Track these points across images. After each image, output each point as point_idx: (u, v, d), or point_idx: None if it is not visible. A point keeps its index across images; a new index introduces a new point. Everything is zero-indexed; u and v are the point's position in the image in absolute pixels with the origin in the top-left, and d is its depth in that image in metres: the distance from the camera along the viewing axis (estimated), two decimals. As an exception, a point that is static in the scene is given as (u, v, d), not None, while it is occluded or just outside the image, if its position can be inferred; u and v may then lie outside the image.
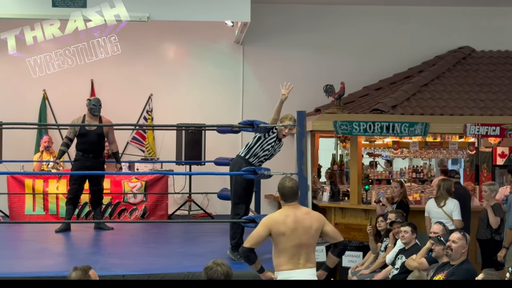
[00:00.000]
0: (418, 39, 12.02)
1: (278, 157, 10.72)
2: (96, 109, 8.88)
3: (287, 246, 5.29)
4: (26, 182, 10.09)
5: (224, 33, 11.71)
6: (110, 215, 10.07)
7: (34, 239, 8.50)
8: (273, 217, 5.39)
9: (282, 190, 5.45)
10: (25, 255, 7.59)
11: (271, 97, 11.81)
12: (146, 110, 11.77)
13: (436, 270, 6.38)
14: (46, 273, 6.20)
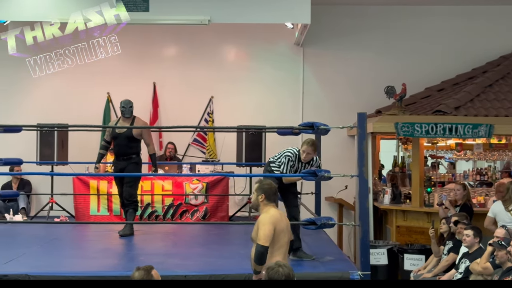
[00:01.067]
0: (482, 39, 11.76)
1: (338, 159, 10.77)
2: (126, 111, 8.85)
3: (283, 243, 5.55)
4: (91, 183, 10.31)
5: (284, 35, 11.72)
6: (172, 216, 10.20)
7: (98, 239, 8.69)
8: (273, 215, 5.56)
9: (270, 190, 5.64)
10: (89, 254, 7.76)
11: (332, 98, 11.81)
12: (207, 112, 11.88)
13: (501, 276, 6.25)
14: (109, 272, 6.33)
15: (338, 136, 11.23)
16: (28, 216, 10.86)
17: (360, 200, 6.70)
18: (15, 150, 10.51)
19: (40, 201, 11.63)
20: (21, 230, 9.33)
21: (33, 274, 6.12)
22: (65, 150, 10.84)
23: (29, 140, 10.73)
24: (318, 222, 6.64)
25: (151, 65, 11.97)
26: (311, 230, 6.94)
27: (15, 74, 11.75)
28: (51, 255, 7.57)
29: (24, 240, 8.50)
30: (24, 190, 11.10)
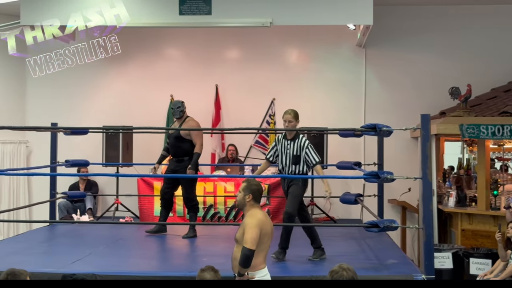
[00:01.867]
0: (550, 38, 11.46)
1: (401, 161, 10.65)
2: (176, 112, 8.87)
3: (267, 245, 5.54)
4: (155, 185, 10.47)
5: (346, 36, 11.66)
6: (235, 218, 10.26)
7: (162, 240, 8.81)
8: (259, 217, 5.52)
9: (258, 191, 5.63)
10: (153, 255, 7.89)
11: (394, 100, 11.69)
12: (269, 114, 11.91)
13: None
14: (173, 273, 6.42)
15: (401, 138, 11.10)
16: (94, 216, 11.11)
17: (423, 203, 6.61)
18: (81, 152, 10.78)
19: (106, 201, 11.89)
20: (87, 230, 9.55)
21: (99, 273, 6.25)
22: (130, 152, 11.05)
23: (95, 142, 10.99)
24: (380, 225, 6.59)
25: (213, 67, 12.09)
26: (374, 233, 6.89)
27: (81, 77, 12.06)
28: (116, 255, 7.72)
29: (91, 240, 8.69)
30: (91, 191, 11.35)
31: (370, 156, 10.72)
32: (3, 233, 11.48)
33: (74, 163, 9.68)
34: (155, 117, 11.75)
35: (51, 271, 6.39)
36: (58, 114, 11.43)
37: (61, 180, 10.48)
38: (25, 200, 11.97)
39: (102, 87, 12.21)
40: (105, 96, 12.18)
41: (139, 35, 11.92)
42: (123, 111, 11.85)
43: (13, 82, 12.05)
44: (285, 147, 7.39)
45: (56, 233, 9.44)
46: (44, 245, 8.52)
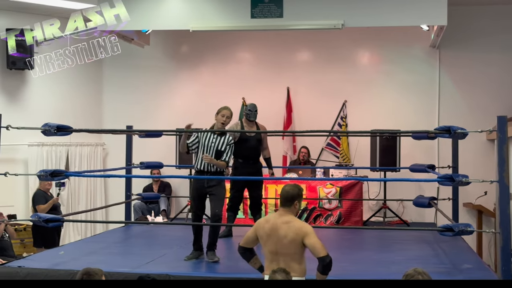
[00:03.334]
0: None
1: (477, 163, 10.43)
2: (252, 114, 8.87)
3: (265, 251, 5.38)
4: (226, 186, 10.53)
5: (419, 37, 11.50)
6: (306, 220, 10.25)
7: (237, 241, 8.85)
8: (260, 220, 5.52)
9: (281, 193, 5.48)
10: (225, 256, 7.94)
11: (469, 102, 11.46)
12: (341, 117, 11.86)
13: None
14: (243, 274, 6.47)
15: (476, 141, 10.88)
16: (168, 217, 11.29)
17: (500, 207, 6.46)
18: (156, 154, 10.98)
19: (180, 203, 12.08)
20: (162, 231, 9.70)
21: (173, 274, 6.35)
22: (203, 154, 11.16)
23: (168, 145, 11.18)
24: (455, 229, 6.47)
25: (284, 70, 12.13)
26: (448, 237, 6.77)
27: (154, 81, 12.30)
28: (190, 255, 7.81)
29: (165, 241, 8.82)
30: (164, 192, 11.53)
31: (444, 159, 10.54)
32: (81, 233, 11.80)
33: (149, 165, 9.86)
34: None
35: (126, 271, 6.52)
36: (133, 118, 11.66)
37: (136, 182, 10.70)
38: (101, 201, 12.27)
39: (175, 90, 12.42)
40: (178, 99, 12.39)
41: (211, 38, 12.07)
42: (195, 114, 11.96)
43: (91, 86, 12.39)
44: (210, 140, 7.29)
45: (131, 233, 9.63)
46: (119, 245, 8.72)
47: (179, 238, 8.92)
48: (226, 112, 7.43)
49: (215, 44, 12.23)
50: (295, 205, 5.42)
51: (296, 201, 5.42)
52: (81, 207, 11.71)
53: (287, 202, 5.41)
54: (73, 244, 9.16)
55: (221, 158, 7.26)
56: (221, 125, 7.39)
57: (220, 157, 7.26)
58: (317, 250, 5.25)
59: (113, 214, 11.85)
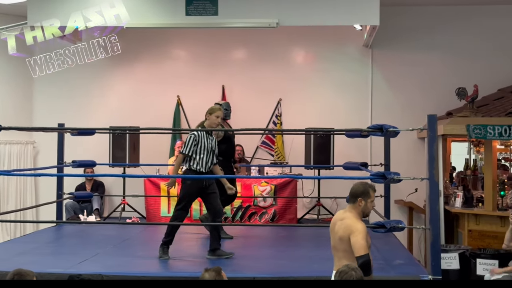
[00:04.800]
0: (557, 38, 11.43)
1: (408, 161, 10.64)
2: (228, 114, 8.96)
3: (332, 247, 5.42)
4: (162, 185, 10.48)
5: (352, 37, 11.65)
6: (241, 218, 10.27)
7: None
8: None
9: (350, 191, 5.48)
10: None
11: (401, 100, 11.67)
12: (275, 115, 11.91)
13: None
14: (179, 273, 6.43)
15: (407, 139, 11.08)
16: (101, 217, 11.13)
17: (430, 203, 6.61)
18: (88, 153, 10.80)
19: (113, 202, 11.91)
20: (94, 230, 9.57)
21: (106, 273, 6.27)
22: (137, 153, 11.06)
23: (102, 143, 11.01)
24: (387, 226, 6.58)
25: (220, 68, 12.10)
26: (381, 234, 6.88)
27: (88, 77, 12.09)
28: (123, 255, 7.73)
29: (98, 240, 8.70)
30: (98, 191, 11.36)
31: (377, 156, 10.71)
32: (10, 234, 11.51)
33: (81, 164, 9.70)
34: (162, 117, 11.77)
35: (58, 272, 6.41)
36: (65, 115, 11.43)
37: (68, 181, 10.51)
38: (32, 200, 12.00)
39: (109, 88, 12.23)
40: (112, 96, 12.21)
41: (146, 35, 11.94)
42: (129, 112, 11.87)
43: (20, 81, 12.05)
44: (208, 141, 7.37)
45: (63, 233, 9.47)
46: (51, 245, 8.55)
47: (112, 237, 8.83)
48: (220, 113, 7.46)
49: (149, 41, 12.10)
50: (360, 202, 5.39)
51: (360, 198, 5.39)
52: (10, 207, 11.41)
53: (352, 198, 5.43)
54: (2, 244, 8.91)
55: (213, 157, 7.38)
56: (215, 126, 7.43)
57: (214, 156, 7.39)
58: (356, 249, 5.14)
59: (44, 213, 11.58)
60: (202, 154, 7.28)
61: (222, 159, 8.71)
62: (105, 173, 11.06)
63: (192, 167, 7.31)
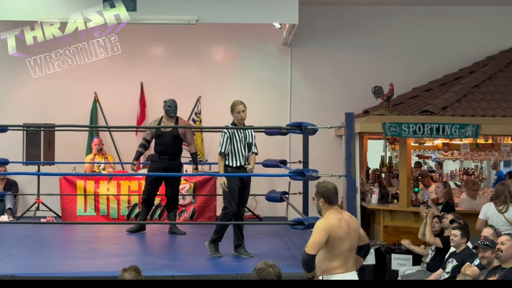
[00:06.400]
0: (468, 40, 11.83)
1: (326, 159, 10.79)
2: (172, 110, 8.91)
3: (342, 250, 5.29)
4: (78, 184, 10.28)
5: (272, 35, 11.72)
6: (160, 216, 10.17)
7: (86, 239, 8.66)
8: (330, 221, 5.31)
9: (328, 193, 5.41)
10: (76, 255, 7.72)
11: (319, 98, 11.83)
12: (195, 112, 11.86)
13: (487, 275, 6.27)
14: (97, 273, 6.31)
15: (325, 136, 11.25)
16: (14, 216, 10.81)
17: (347, 200, 6.72)
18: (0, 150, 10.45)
19: (27, 201, 11.58)
20: (7, 230, 9.27)
21: (19, 274, 6.09)
22: (52, 150, 10.79)
23: (15, 140, 10.68)
24: (305, 222, 6.64)
25: (138, 65, 11.94)
26: (299, 230, 6.94)
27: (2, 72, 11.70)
28: (38, 255, 7.52)
29: (11, 240, 8.44)
30: (11, 190, 11.05)
31: (296, 154, 10.82)
32: None
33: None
34: (78, 114, 11.51)
35: (-32, 273, 6.17)
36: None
37: (-21, 179, 10.16)
38: None
39: (23, 84, 11.84)
40: (26, 92, 11.84)
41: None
42: (44, 109, 11.56)
43: None
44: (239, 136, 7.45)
45: (-27, 234, 9.13)
46: (-40, 246, 8.23)
47: (26, 237, 8.60)
48: (239, 108, 7.48)
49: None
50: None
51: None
52: None
53: (334, 197, 5.44)
54: None
55: (251, 150, 7.40)
56: (241, 121, 7.46)
57: (250, 149, 7.39)
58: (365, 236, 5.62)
59: (-47, 213, 11.14)
60: (237, 150, 7.33)
61: (157, 155, 8.96)
62: (18, 171, 10.72)
63: (229, 164, 7.33)
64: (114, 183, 10.23)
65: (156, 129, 8.87)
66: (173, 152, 8.94)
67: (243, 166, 7.39)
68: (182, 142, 9.05)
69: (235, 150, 7.36)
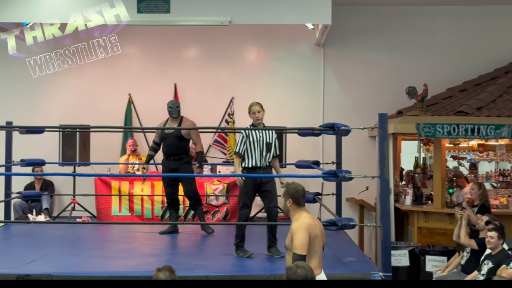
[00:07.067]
0: (504, 39, 11.67)
1: (359, 159, 10.75)
2: (173, 111, 8.99)
3: (318, 249, 5.35)
4: (113, 184, 10.38)
5: (305, 35, 11.70)
6: (193, 217, 10.22)
7: (120, 239, 8.75)
8: (306, 221, 5.34)
9: (297, 194, 5.44)
10: (111, 255, 7.81)
11: (352, 99, 11.78)
12: (228, 113, 11.89)
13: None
14: (131, 273, 6.37)
15: (359, 137, 11.20)
16: (50, 216, 10.96)
17: (381, 201, 6.68)
18: (38, 151, 10.61)
19: (63, 201, 11.73)
20: (44, 230, 9.42)
21: (55, 274, 6.17)
22: (87, 151, 10.93)
23: (51, 141, 10.83)
24: (338, 223, 6.62)
25: (172, 66, 12.02)
26: (332, 231, 6.93)
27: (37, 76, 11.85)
28: (73, 255, 7.63)
29: (47, 240, 8.57)
30: (47, 190, 11.19)
31: (329, 155, 10.79)
32: (-44, 234, 11.23)
33: (30, 163, 9.52)
34: (113, 116, 11.64)
35: (6, 272, 6.29)
36: (13, 113, 11.21)
37: (16, 180, 10.31)
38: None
39: (59, 86, 12.01)
40: (62, 94, 12.01)
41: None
42: (80, 110, 11.70)
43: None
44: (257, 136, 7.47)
45: (11, 233, 9.29)
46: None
47: (62, 237, 8.72)
48: (254, 108, 7.56)
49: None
50: None
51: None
52: (-44, 207, 11.13)
53: (303, 199, 5.50)
54: None
55: (270, 151, 7.45)
56: (257, 121, 7.52)
57: (270, 149, 7.45)
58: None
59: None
60: (252, 150, 7.39)
61: (165, 157, 9.02)
62: (55, 172, 10.88)
63: (246, 165, 7.43)
64: (148, 183, 10.32)
65: (161, 131, 8.99)
66: (178, 153, 8.98)
67: (259, 167, 7.41)
68: (188, 141, 9.06)
69: (251, 151, 7.42)
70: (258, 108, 7.54)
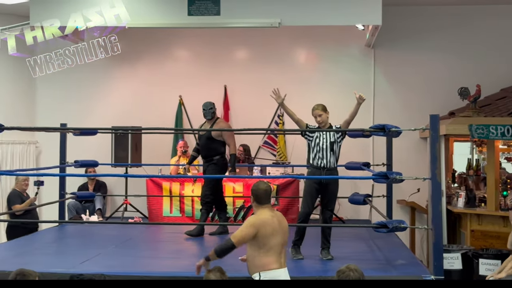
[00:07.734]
0: (559, 37, 11.41)
1: (410, 161, 10.63)
2: (206, 113, 9.01)
3: (275, 246, 5.50)
4: (164, 185, 10.50)
5: (355, 36, 11.64)
6: (243, 218, 10.26)
7: (171, 240, 8.83)
8: (260, 218, 5.54)
9: (257, 192, 5.64)
10: (163, 255, 7.90)
11: (403, 100, 11.66)
12: (278, 115, 11.90)
13: None
14: (182, 273, 6.42)
15: (410, 139, 11.08)
16: (103, 216, 11.14)
17: (433, 203, 6.60)
18: (91, 153, 10.80)
19: (115, 202, 11.93)
20: (97, 230, 9.58)
21: (108, 273, 6.26)
22: (139, 152, 11.08)
23: (104, 143, 11.02)
24: (389, 225, 6.58)
25: (222, 68, 12.10)
26: (383, 234, 6.88)
27: (90, 77, 12.09)
28: (126, 255, 7.73)
29: (100, 240, 8.71)
30: (100, 191, 11.38)
31: (379, 156, 10.70)
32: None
33: (83, 164, 9.71)
34: (164, 117, 11.78)
35: (60, 271, 6.42)
36: (68, 115, 11.44)
37: (70, 181, 10.50)
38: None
39: (111, 88, 12.24)
40: (114, 96, 12.22)
41: (148, 35, 11.95)
42: (132, 112, 11.88)
43: (22, 82, 12.05)
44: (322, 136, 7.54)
45: (65, 233, 9.47)
46: (53, 245, 8.56)
47: (115, 237, 8.84)
48: (315, 112, 7.71)
49: (151, 41, 12.10)
50: None
51: None
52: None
53: (269, 198, 5.72)
54: (4, 244, 8.92)
55: (333, 150, 7.54)
56: (319, 124, 7.65)
57: (333, 148, 7.54)
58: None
59: (46, 213, 11.58)
60: (314, 150, 7.49)
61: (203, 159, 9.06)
62: (107, 173, 11.06)
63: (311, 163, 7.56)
64: (199, 185, 10.39)
65: (198, 133, 9.11)
66: (207, 154, 9.01)
67: (324, 167, 7.38)
68: (219, 143, 9.01)
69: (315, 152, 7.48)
70: (318, 112, 7.63)
